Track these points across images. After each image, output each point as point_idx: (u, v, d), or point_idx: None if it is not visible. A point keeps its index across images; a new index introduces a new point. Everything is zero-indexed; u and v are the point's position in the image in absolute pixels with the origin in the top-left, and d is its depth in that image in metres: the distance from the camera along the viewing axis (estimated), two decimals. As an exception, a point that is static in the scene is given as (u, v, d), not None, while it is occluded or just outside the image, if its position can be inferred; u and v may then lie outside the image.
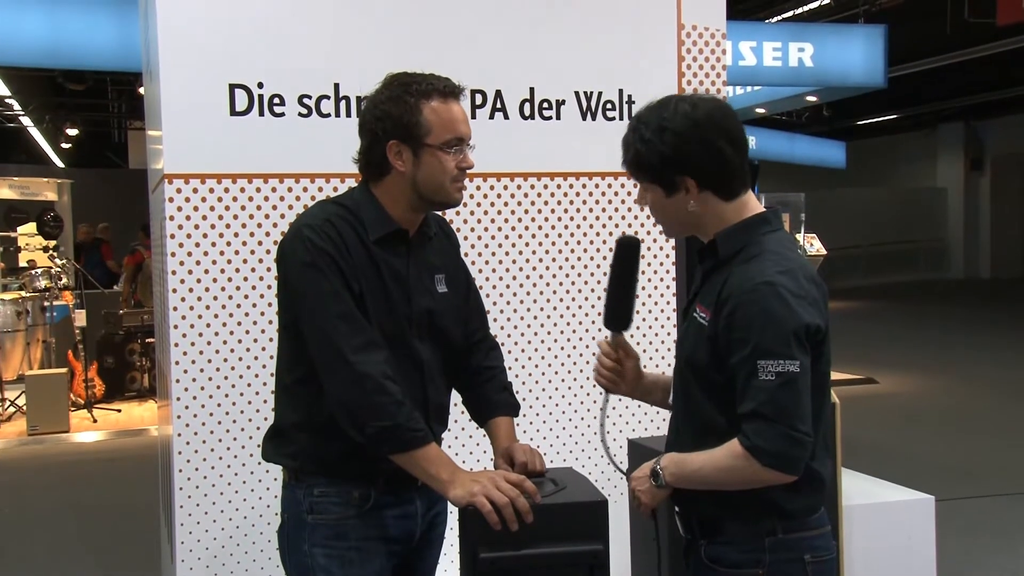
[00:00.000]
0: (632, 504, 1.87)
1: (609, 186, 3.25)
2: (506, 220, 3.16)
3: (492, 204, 3.13)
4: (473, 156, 1.97)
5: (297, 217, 2.00)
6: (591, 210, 3.24)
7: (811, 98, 12.99)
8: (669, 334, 3.29)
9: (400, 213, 1.95)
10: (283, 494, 2.04)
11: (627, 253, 1.97)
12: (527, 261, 3.19)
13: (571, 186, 3.22)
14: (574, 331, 3.23)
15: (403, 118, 1.88)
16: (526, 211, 3.18)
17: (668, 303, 3.31)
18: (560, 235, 3.22)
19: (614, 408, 3.24)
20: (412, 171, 1.91)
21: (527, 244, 3.19)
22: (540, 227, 3.20)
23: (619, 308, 1.98)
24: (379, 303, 1.91)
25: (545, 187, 3.19)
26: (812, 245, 6.84)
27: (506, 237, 3.16)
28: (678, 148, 1.71)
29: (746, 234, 1.75)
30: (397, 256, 1.95)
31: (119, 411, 8.39)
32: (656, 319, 3.32)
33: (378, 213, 1.94)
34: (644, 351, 3.29)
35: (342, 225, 1.89)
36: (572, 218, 3.22)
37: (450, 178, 1.93)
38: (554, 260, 3.21)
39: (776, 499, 1.71)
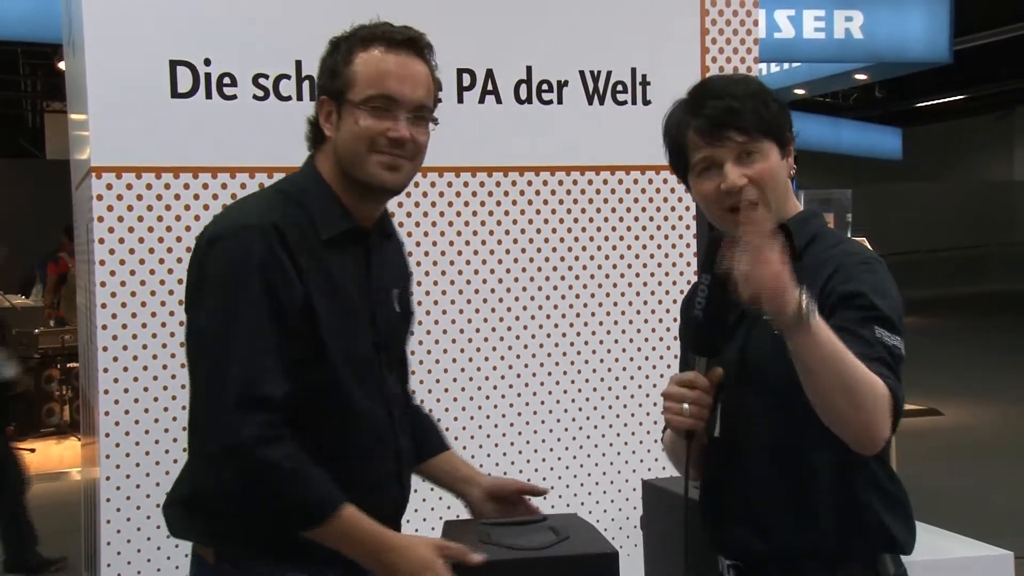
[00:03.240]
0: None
1: (620, 182, 3.28)
2: (499, 223, 3.19)
3: (483, 204, 3.16)
4: (459, 148, 1.95)
5: (230, 207, 1.93)
6: (598, 210, 3.27)
7: (861, 76, 13.04)
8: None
9: (350, 200, 1.88)
10: None
11: (715, 251, 1.73)
12: (523, 271, 3.22)
13: (575, 183, 3.25)
14: (579, 352, 3.26)
15: (334, 68, 1.87)
16: (522, 212, 3.21)
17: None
18: (563, 240, 3.24)
19: (625, 443, 3.27)
20: (335, 136, 1.86)
21: (523, 251, 3.22)
22: (539, 231, 3.23)
23: (717, 325, 1.75)
24: (343, 324, 1.83)
25: (545, 184, 3.22)
26: (862, 251, 6.85)
27: (499, 243, 3.19)
28: (781, 106, 1.82)
29: (811, 225, 1.83)
30: (356, 261, 1.88)
31: (32, 451, 8.36)
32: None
33: (329, 204, 1.86)
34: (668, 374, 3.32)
35: (291, 230, 1.79)
36: (576, 220, 3.25)
37: (367, 146, 1.83)
38: (555, 270, 3.24)
39: (884, 520, 1.74)
